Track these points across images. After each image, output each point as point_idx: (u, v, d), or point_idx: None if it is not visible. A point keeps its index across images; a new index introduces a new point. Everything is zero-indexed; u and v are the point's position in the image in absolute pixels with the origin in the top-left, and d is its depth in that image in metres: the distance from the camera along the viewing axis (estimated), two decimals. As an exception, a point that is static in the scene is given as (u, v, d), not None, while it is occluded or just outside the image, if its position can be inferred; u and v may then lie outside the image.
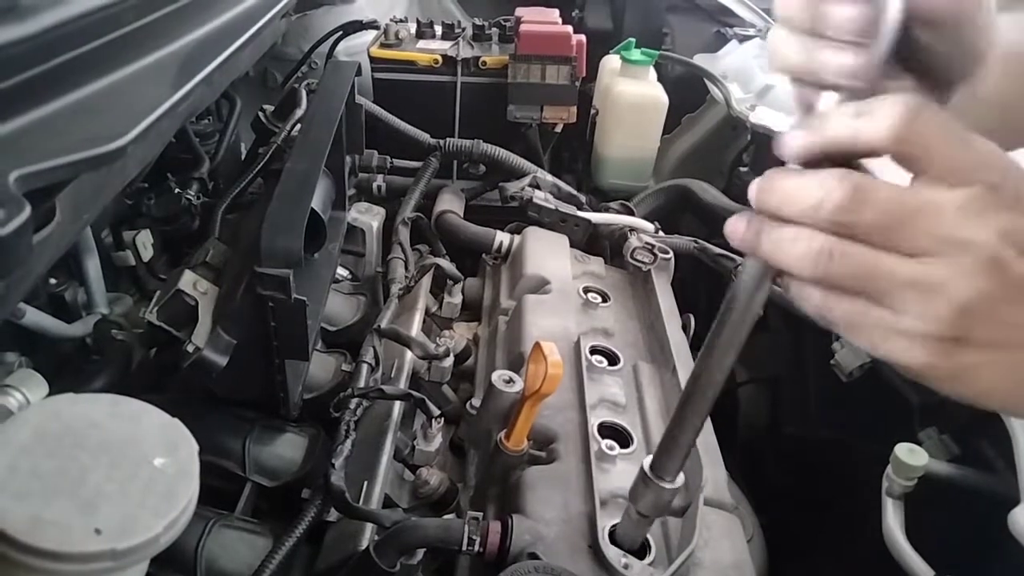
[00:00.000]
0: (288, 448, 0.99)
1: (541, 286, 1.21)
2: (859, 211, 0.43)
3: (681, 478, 0.68)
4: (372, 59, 1.67)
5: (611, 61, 1.79)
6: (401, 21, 1.78)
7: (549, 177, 1.46)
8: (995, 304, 0.43)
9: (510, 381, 0.90)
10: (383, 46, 1.70)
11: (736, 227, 0.49)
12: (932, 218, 0.43)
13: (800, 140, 0.46)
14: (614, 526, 0.80)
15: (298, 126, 1.34)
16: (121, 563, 0.54)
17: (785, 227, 0.46)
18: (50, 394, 0.92)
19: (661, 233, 1.40)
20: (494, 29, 1.78)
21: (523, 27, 1.61)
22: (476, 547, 0.77)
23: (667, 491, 0.68)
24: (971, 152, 0.43)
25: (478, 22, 1.79)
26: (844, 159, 0.45)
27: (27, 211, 0.49)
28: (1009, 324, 0.44)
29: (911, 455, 0.91)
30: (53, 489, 0.55)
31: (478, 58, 1.66)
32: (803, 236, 0.45)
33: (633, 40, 1.74)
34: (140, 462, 0.59)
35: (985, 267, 0.42)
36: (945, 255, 0.43)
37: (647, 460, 0.68)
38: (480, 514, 0.81)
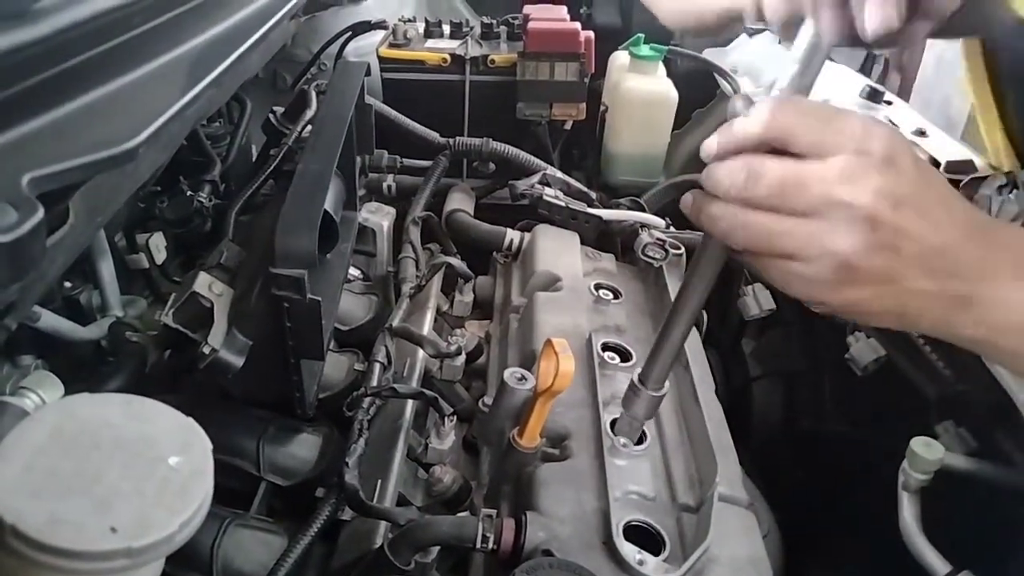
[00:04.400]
0: (302, 447, 1.00)
1: (552, 283, 1.21)
2: (754, 187, 0.56)
3: (667, 387, 0.80)
4: (381, 59, 1.67)
5: (620, 57, 1.78)
6: (409, 21, 1.78)
7: (559, 174, 1.45)
8: (871, 252, 0.54)
9: (522, 378, 0.89)
10: (392, 46, 1.70)
11: (686, 202, 0.62)
12: (814, 185, 0.54)
13: (712, 145, 0.59)
14: (629, 521, 0.81)
15: (309, 127, 1.34)
16: (136, 561, 0.54)
17: (715, 204, 0.59)
18: (66, 396, 0.93)
19: (672, 229, 1.39)
20: (502, 27, 1.78)
21: (531, 24, 1.60)
22: (490, 544, 0.77)
23: (654, 398, 0.80)
24: (830, 126, 0.54)
25: (486, 20, 1.79)
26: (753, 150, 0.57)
27: (40, 213, 0.49)
28: (885, 266, 0.54)
29: (927, 449, 0.90)
30: (68, 488, 0.55)
31: (487, 56, 1.66)
32: (725, 212, 0.58)
33: (642, 35, 1.73)
34: (155, 461, 0.59)
35: (861, 224, 0.53)
36: (828, 215, 0.54)
37: (636, 372, 0.80)
38: (494, 511, 0.81)
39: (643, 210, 1.44)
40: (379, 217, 1.36)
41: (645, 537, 0.81)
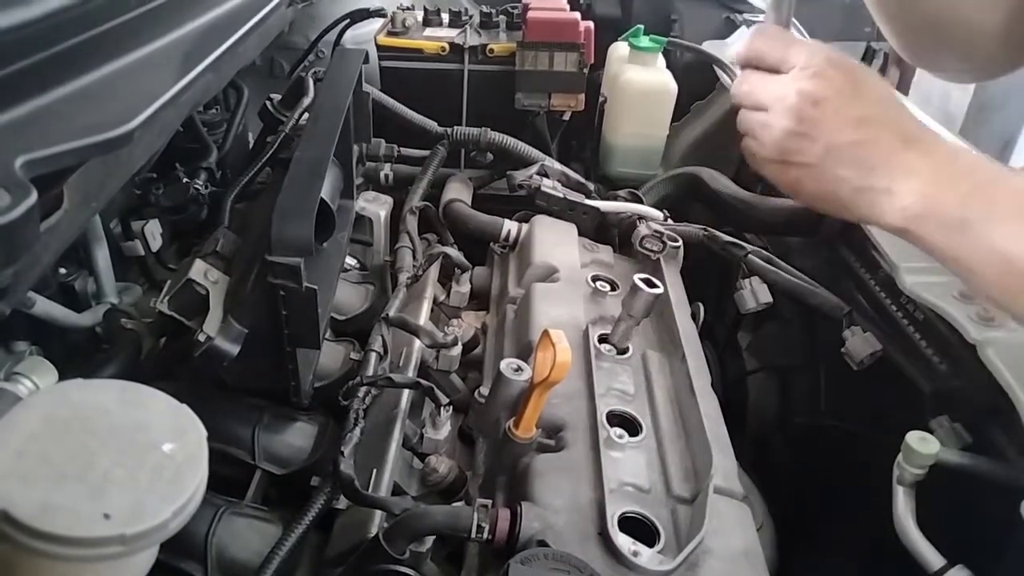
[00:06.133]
0: (297, 436, 0.99)
1: (549, 274, 1.20)
2: (737, 89, 0.80)
3: (661, 288, 1.01)
4: (379, 47, 1.66)
5: (619, 48, 1.77)
6: (408, 9, 1.77)
7: (557, 165, 1.45)
8: (795, 136, 0.74)
9: (519, 369, 0.89)
10: (390, 34, 1.69)
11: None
12: (766, 89, 0.77)
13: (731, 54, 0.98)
14: (624, 513, 0.81)
15: (306, 115, 1.33)
16: (130, 548, 0.54)
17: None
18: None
19: (670, 221, 1.39)
20: (501, 16, 1.77)
21: (530, 14, 1.59)
22: (485, 534, 0.77)
23: (654, 296, 1.00)
24: (789, 50, 0.76)
25: (485, 9, 1.78)
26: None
27: (33, 196, 0.48)
28: (805, 151, 0.74)
29: (922, 443, 0.90)
30: (62, 474, 0.55)
31: (485, 46, 1.65)
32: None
33: (642, 27, 1.72)
34: (149, 448, 0.59)
35: (787, 113, 0.74)
36: (772, 108, 0.76)
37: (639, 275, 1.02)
38: (489, 502, 0.81)
39: (641, 202, 1.44)
40: (376, 206, 1.36)
41: (640, 529, 0.81)
